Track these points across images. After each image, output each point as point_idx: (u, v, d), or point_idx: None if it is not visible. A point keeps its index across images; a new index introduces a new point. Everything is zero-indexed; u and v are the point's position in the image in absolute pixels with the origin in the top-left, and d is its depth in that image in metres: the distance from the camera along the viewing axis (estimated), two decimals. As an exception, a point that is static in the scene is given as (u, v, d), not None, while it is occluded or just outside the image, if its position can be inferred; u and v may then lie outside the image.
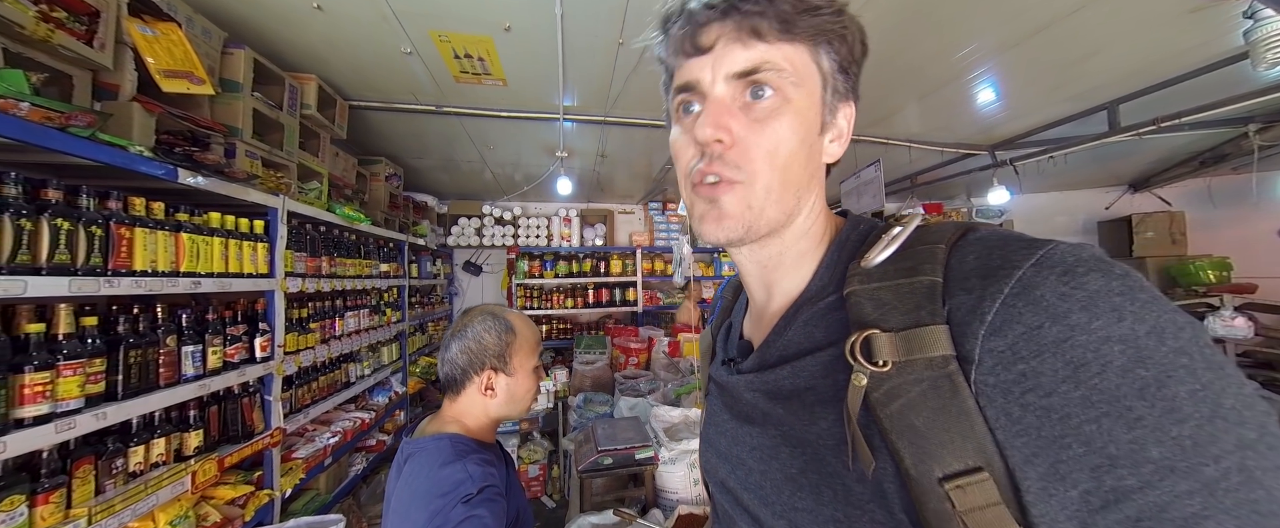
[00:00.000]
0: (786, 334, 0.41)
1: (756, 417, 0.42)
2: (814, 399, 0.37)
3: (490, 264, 4.73)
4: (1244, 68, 2.11)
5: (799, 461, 0.37)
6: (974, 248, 0.33)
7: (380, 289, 2.81)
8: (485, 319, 0.85)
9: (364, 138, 2.81)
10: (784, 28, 0.35)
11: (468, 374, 0.83)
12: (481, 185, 4.07)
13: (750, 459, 0.42)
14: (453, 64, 2.01)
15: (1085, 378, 0.26)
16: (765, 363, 0.42)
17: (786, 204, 0.39)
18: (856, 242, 0.40)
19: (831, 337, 0.37)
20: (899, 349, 0.31)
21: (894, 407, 0.31)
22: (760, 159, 0.36)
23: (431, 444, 0.78)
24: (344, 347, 2.27)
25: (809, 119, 0.38)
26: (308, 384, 2.00)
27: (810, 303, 0.40)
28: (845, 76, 0.39)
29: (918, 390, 0.30)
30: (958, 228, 0.35)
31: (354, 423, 2.33)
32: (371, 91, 2.31)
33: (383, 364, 2.80)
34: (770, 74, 0.36)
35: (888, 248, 0.36)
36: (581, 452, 1.72)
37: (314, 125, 2.11)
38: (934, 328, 0.31)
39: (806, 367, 0.38)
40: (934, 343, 0.30)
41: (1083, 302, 0.27)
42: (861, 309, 0.35)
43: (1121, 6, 1.68)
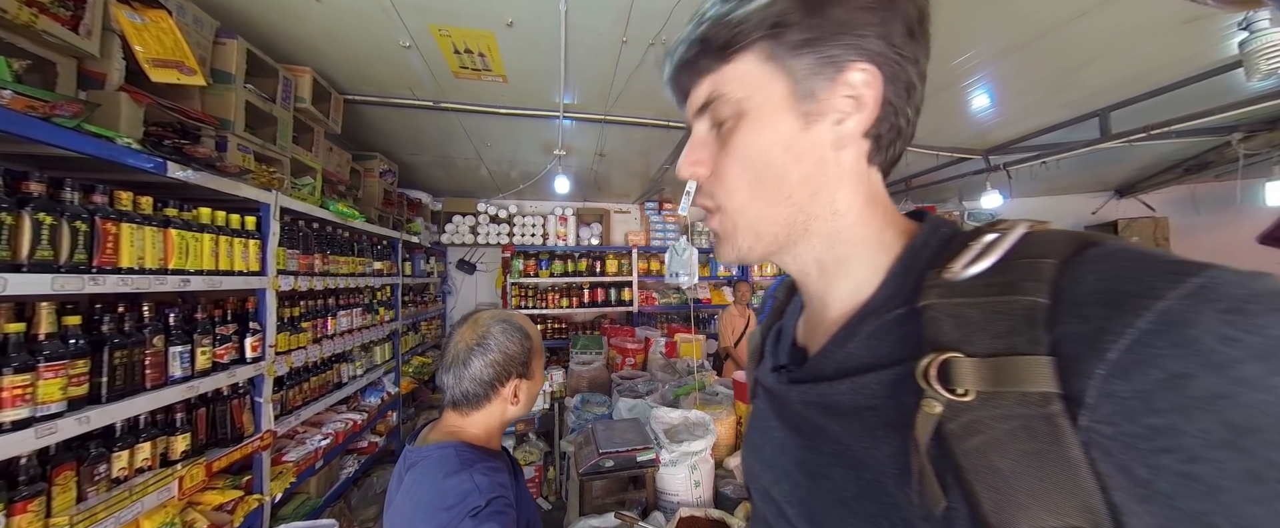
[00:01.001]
0: (847, 346, 0.37)
1: (807, 429, 0.39)
2: (876, 421, 0.34)
3: (484, 263, 4.67)
4: (1230, 78, 2.18)
5: (854, 485, 0.34)
6: (1097, 266, 0.27)
7: (373, 288, 2.76)
8: (503, 327, 0.81)
9: (359, 133, 2.75)
10: (721, 55, 0.35)
11: (494, 388, 0.79)
12: (477, 183, 4.02)
13: (798, 473, 0.40)
14: (452, 59, 1.97)
15: (1255, 448, 0.21)
16: (821, 374, 0.39)
17: (780, 214, 0.36)
18: (936, 247, 0.35)
19: (900, 354, 0.33)
20: (985, 378, 0.27)
21: (973, 443, 0.27)
22: (733, 180, 0.36)
23: (435, 453, 0.75)
24: (336, 347, 2.22)
25: (773, 123, 0.35)
26: (299, 385, 1.95)
27: (876, 313, 0.36)
28: (815, 51, 0.33)
29: (1005, 428, 0.27)
30: (1075, 240, 0.29)
31: (346, 425, 2.28)
32: (368, 86, 2.26)
33: (375, 364, 2.74)
34: (719, 100, 0.36)
35: (981, 259, 0.31)
36: (582, 454, 1.70)
37: (308, 119, 2.06)
38: (1033, 359, 0.26)
39: (869, 384, 0.35)
40: (1032, 376, 0.26)
41: (1259, 351, 0.22)
42: (940, 327, 0.30)
43: (1121, 16, 1.70)
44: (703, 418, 1.91)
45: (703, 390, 2.41)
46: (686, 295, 4.78)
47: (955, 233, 0.36)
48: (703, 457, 1.73)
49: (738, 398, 2.11)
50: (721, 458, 1.90)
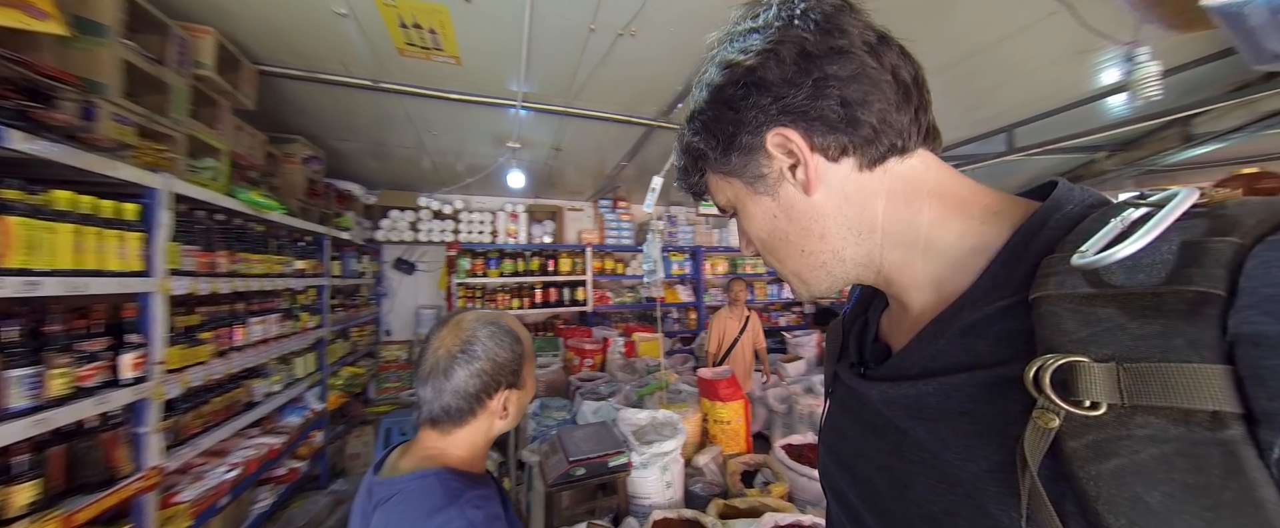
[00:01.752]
0: (937, 342, 0.33)
1: (890, 433, 0.36)
2: (971, 429, 0.30)
3: (426, 262, 4.30)
4: (1102, 104, 2.59)
5: (944, 500, 0.31)
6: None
7: (294, 290, 2.40)
8: (491, 330, 0.69)
9: (277, 111, 2.38)
10: (697, 187, 0.45)
11: (481, 401, 0.67)
12: (418, 175, 3.67)
13: (878, 480, 0.37)
14: (398, 34, 1.75)
15: None
16: (905, 372, 0.36)
17: (810, 262, 0.39)
18: (1060, 227, 0.30)
19: (1003, 353, 0.29)
20: (1126, 389, 0.22)
21: (1107, 467, 0.23)
22: (764, 251, 0.43)
23: (414, 484, 0.62)
24: (247, 360, 1.88)
25: (753, 207, 0.40)
26: (197, 408, 1.63)
27: (975, 305, 0.32)
28: (734, 153, 0.39)
29: (1154, 453, 0.22)
30: (1270, 210, 0.23)
31: (259, 451, 1.95)
32: (290, 56, 1.95)
33: (296, 378, 2.39)
34: (723, 207, 0.45)
35: (1125, 238, 0.24)
36: (549, 463, 1.59)
37: (211, 90, 1.73)
38: (1200, 367, 0.21)
39: (961, 387, 0.31)
40: (1197, 390, 0.21)
41: None
42: (1058, 323, 0.25)
43: (1032, 43, 1.93)
44: (671, 417, 1.88)
45: (667, 389, 2.39)
46: (641, 294, 4.76)
47: (1091, 208, 0.30)
48: (673, 457, 1.69)
49: (703, 395, 2.11)
50: (690, 457, 1.89)
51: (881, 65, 0.34)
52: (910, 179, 0.36)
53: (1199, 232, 0.24)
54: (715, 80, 0.38)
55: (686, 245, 4.94)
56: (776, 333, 5.07)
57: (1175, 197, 0.25)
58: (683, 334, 4.85)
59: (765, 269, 5.19)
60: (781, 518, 1.36)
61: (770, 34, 0.35)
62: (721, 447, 1.95)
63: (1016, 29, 1.83)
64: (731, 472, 1.76)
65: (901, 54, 0.36)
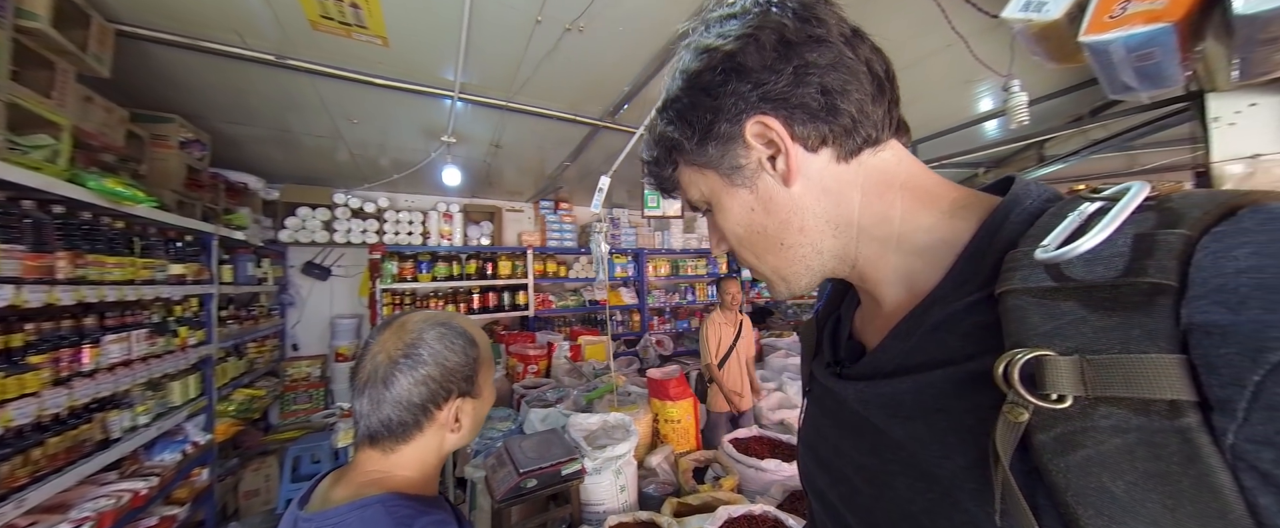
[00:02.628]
0: (910, 339, 0.34)
1: (867, 431, 0.36)
2: (946, 425, 0.30)
3: (343, 266, 3.83)
4: (981, 127, 3.05)
5: (923, 498, 0.31)
6: (1251, 237, 0.22)
7: (169, 300, 1.99)
8: (440, 332, 0.61)
9: (145, 83, 1.96)
10: (669, 180, 0.43)
11: (427, 412, 0.59)
12: (333, 168, 3.26)
13: (857, 478, 0.37)
14: (310, 4, 1.53)
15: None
16: (880, 370, 0.36)
17: (789, 257, 0.38)
18: (1021, 221, 0.30)
19: (972, 349, 0.29)
20: (1089, 381, 0.23)
21: (1074, 459, 0.23)
22: (738, 248, 0.41)
23: (352, 516, 0.52)
24: (99, 387, 1.52)
25: (730, 200, 0.39)
26: (24, 453, 1.27)
27: (944, 302, 0.32)
28: (710, 143, 0.37)
29: (1118, 444, 0.22)
30: (1220, 202, 0.24)
31: (117, 500, 1.58)
32: (161, 17, 1.62)
33: (172, 406, 1.98)
34: (695, 201, 0.42)
35: (1083, 233, 0.25)
36: (497, 477, 1.47)
37: (45, 48, 1.37)
38: (1157, 357, 0.22)
39: (935, 383, 0.31)
40: (1155, 380, 0.21)
41: None
42: (1024, 318, 0.26)
43: (931, 70, 2.21)
44: (623, 420, 1.86)
45: (616, 392, 2.35)
46: (585, 297, 4.68)
47: (1048, 202, 0.31)
48: (627, 460, 1.67)
49: (653, 396, 2.10)
50: (642, 458, 1.87)
51: (857, 56, 0.34)
52: (884, 172, 0.36)
53: (1150, 224, 0.24)
54: (691, 66, 0.36)
55: (629, 248, 4.96)
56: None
57: (1128, 191, 0.26)
58: (627, 336, 4.85)
59: (707, 269, 5.37)
60: (734, 510, 1.39)
61: (749, 20, 0.34)
62: (673, 446, 1.96)
63: (923, 55, 2.08)
64: (683, 470, 1.77)
65: (874, 49, 0.36)
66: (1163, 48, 0.59)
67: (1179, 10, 0.57)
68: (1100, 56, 0.64)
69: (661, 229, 5.14)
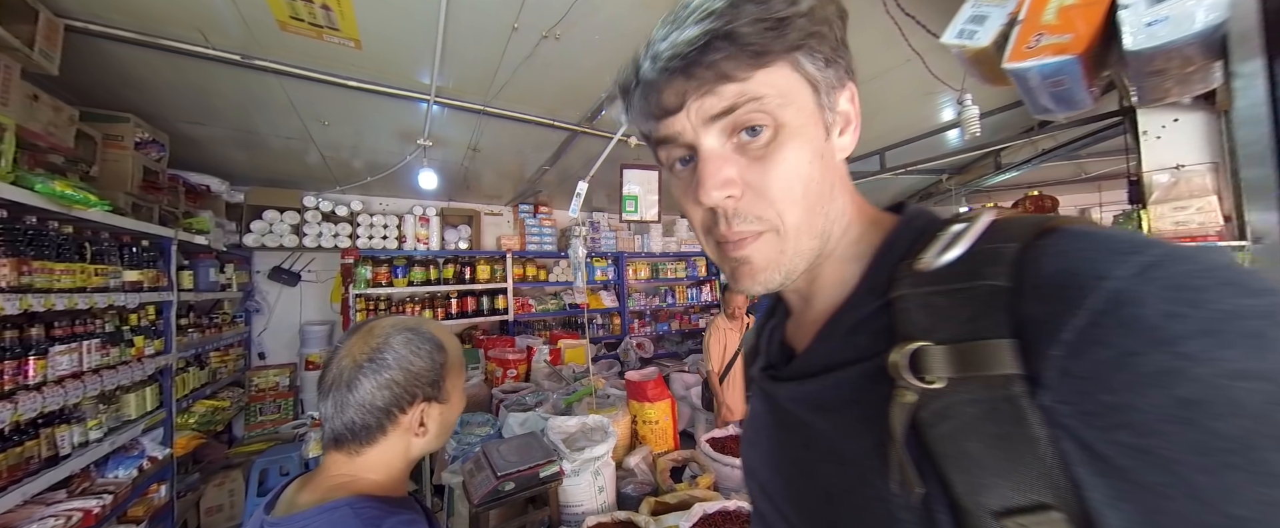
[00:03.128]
0: (829, 342, 0.38)
1: (797, 427, 0.40)
2: (857, 414, 0.34)
3: (313, 271, 3.71)
4: (945, 136, 3.21)
5: (842, 479, 0.35)
6: (1054, 249, 0.28)
7: (124, 308, 1.90)
8: (406, 337, 0.62)
9: (96, 81, 1.88)
10: (754, 60, 0.32)
11: (391, 415, 0.59)
12: (303, 170, 3.16)
13: (791, 470, 0.40)
14: (279, 4, 1.50)
15: (1202, 420, 0.21)
16: (806, 371, 0.39)
17: (816, 227, 0.35)
18: (910, 239, 0.36)
19: (876, 346, 0.33)
20: (953, 364, 0.28)
21: (945, 429, 0.28)
22: (779, 199, 0.34)
23: (321, 519, 0.53)
24: (46, 401, 1.44)
25: (811, 135, 0.34)
26: (-38, 472, 1.20)
27: (854, 308, 0.37)
28: (835, 67, 0.35)
29: (973, 413, 0.27)
30: (1036, 223, 0.30)
31: (66, 520, 1.50)
32: (116, 13, 1.56)
33: (127, 419, 1.89)
34: (751, 108, 0.32)
35: (950, 248, 0.31)
36: (474, 482, 1.47)
37: (-13, 45, 1.31)
38: (996, 342, 0.27)
39: (849, 379, 0.35)
40: (995, 360, 0.27)
41: (1205, 325, 0.22)
42: (910, 317, 0.31)
43: (893, 83, 2.33)
44: (601, 422, 1.87)
45: (595, 395, 2.36)
46: (565, 301, 4.67)
47: (930, 223, 0.37)
48: (605, 461, 1.68)
49: (632, 397, 2.12)
50: (620, 459, 1.89)
51: None
52: (845, 175, 0.38)
53: (994, 240, 0.31)
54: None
55: (609, 252, 4.97)
56: (697, 334, 5.33)
57: (980, 217, 0.33)
58: (608, 340, 4.86)
59: (687, 272, 5.42)
60: (709, 507, 1.43)
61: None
62: (651, 447, 1.99)
63: (882, 70, 2.19)
64: (661, 470, 1.79)
65: None
66: (1071, 76, 0.67)
67: (1081, 45, 0.64)
68: (1021, 81, 0.71)
69: (641, 233, 5.17)
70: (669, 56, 0.32)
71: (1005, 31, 0.74)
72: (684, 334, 5.40)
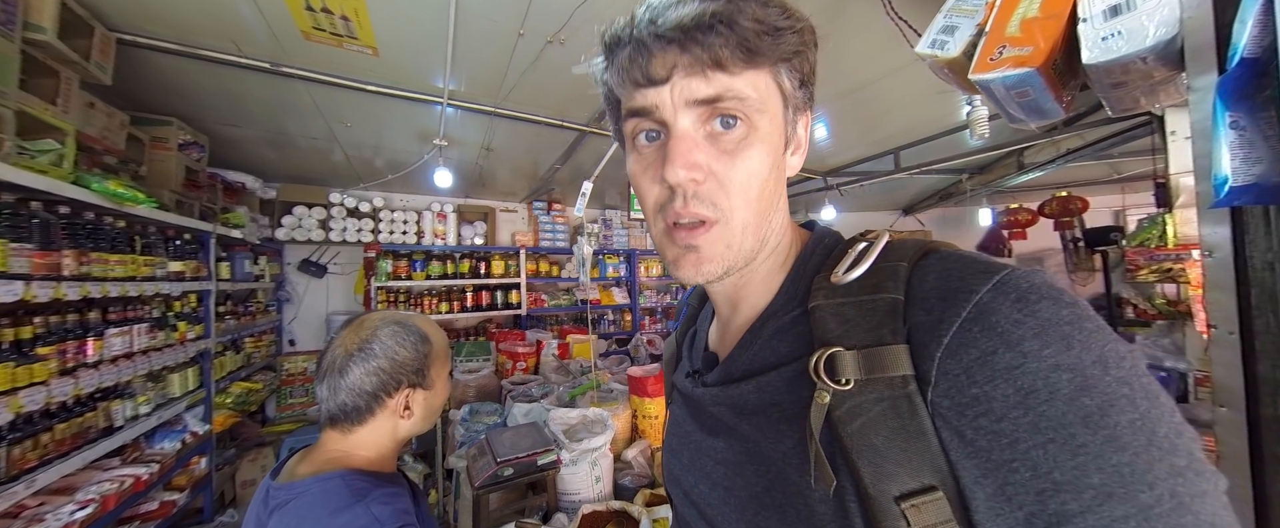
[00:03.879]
0: (752, 348, 0.40)
1: (721, 431, 0.41)
2: (779, 416, 0.36)
3: (338, 264, 3.92)
4: (964, 135, 3.11)
5: (764, 478, 0.36)
6: (934, 268, 0.33)
7: (169, 296, 2.08)
8: (393, 330, 0.69)
9: (143, 89, 2.05)
10: (747, 57, 0.33)
11: (378, 399, 0.67)
12: (329, 168, 3.34)
13: (716, 473, 0.41)
14: (302, 16, 1.61)
15: (1034, 405, 0.26)
16: (730, 376, 0.41)
17: (760, 232, 0.38)
18: (821, 255, 0.40)
19: (796, 351, 0.36)
20: (861, 367, 0.31)
21: (856, 425, 0.31)
22: (736, 194, 0.35)
23: (315, 487, 0.60)
24: (102, 378, 1.61)
25: (775, 144, 0.36)
26: (34, 437, 1.36)
27: (775, 317, 0.40)
28: (804, 90, 0.38)
29: (878, 410, 0.31)
30: (920, 247, 0.35)
31: (119, 484, 1.67)
32: (160, 26, 1.70)
33: (171, 397, 2.07)
34: (734, 103, 0.34)
35: (858, 265, 0.35)
36: (476, 466, 1.56)
37: (51, 58, 1.46)
38: (895, 347, 0.31)
39: (771, 382, 0.37)
40: (895, 362, 0.30)
41: (1035, 329, 0.27)
42: (826, 325, 0.34)
43: (904, 82, 2.28)
44: (601, 415, 1.94)
45: (599, 389, 2.44)
46: (577, 297, 4.76)
47: (837, 241, 0.41)
48: (603, 452, 1.75)
49: (633, 392, 2.19)
50: (619, 451, 1.95)
51: None
52: (785, 191, 0.41)
53: (892, 257, 0.35)
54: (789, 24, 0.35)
55: (621, 249, 5.03)
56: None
57: (879, 238, 0.37)
58: (619, 336, 4.93)
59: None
60: (702, 498, 1.48)
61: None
62: (650, 441, 2.05)
63: (894, 68, 2.16)
64: (658, 463, 1.85)
65: None
66: (1034, 88, 0.68)
67: (1040, 58, 0.65)
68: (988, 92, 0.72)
69: (653, 229, 5.21)
70: (670, 26, 0.32)
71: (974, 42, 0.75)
72: (694, 331, 5.43)
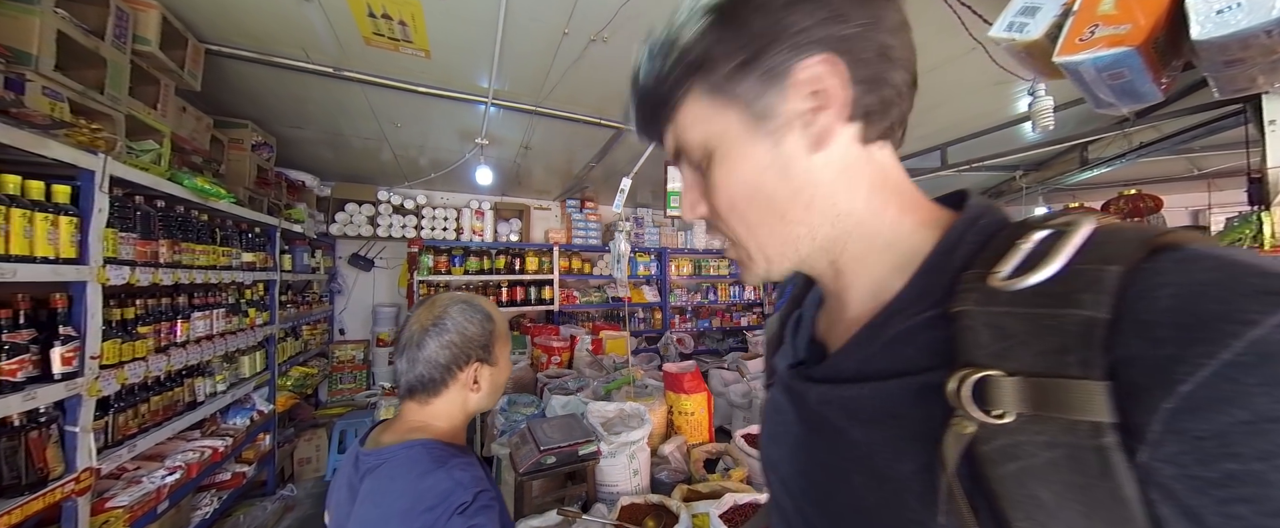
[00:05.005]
0: (870, 348, 0.34)
1: (826, 430, 0.37)
2: (900, 432, 0.31)
3: (384, 258, 4.13)
4: (1017, 130, 2.93)
5: (875, 495, 0.32)
6: (1172, 277, 0.23)
7: (242, 284, 2.26)
8: (462, 308, 0.75)
9: (222, 94, 2.24)
10: (667, 111, 0.35)
11: (451, 371, 0.72)
12: (377, 167, 3.54)
13: (817, 473, 0.38)
14: (365, 23, 1.72)
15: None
16: (840, 375, 0.36)
17: (785, 233, 0.34)
18: (975, 243, 0.32)
19: (928, 361, 0.30)
20: (1026, 400, 0.25)
21: (1010, 469, 0.25)
22: (727, 219, 0.36)
23: (401, 453, 0.66)
24: (189, 356, 1.77)
25: (746, 152, 0.33)
26: (134, 407, 1.52)
27: (903, 314, 0.33)
28: (750, 73, 0.31)
29: (1047, 457, 0.24)
30: (1145, 241, 0.25)
31: (200, 454, 1.83)
32: (242, 37, 1.86)
33: (242, 377, 2.25)
34: (685, 148, 0.35)
35: (1035, 266, 0.26)
36: (520, 454, 1.61)
37: (153, 68, 1.62)
38: (1085, 383, 0.23)
39: (893, 391, 0.32)
40: (1082, 403, 0.23)
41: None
42: (976, 338, 0.27)
43: (958, 73, 2.18)
44: (638, 409, 1.95)
45: (634, 384, 2.46)
46: (608, 294, 4.81)
47: (1000, 226, 0.32)
48: (640, 446, 1.76)
49: (669, 389, 2.19)
50: (655, 446, 1.96)
51: (905, 42, 0.33)
52: (884, 169, 0.35)
53: (1094, 259, 0.26)
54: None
55: (652, 247, 5.05)
56: (738, 332, 5.28)
57: (1077, 224, 0.27)
58: (649, 334, 4.95)
59: (729, 269, 5.38)
60: (740, 497, 1.46)
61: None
62: (686, 437, 2.05)
63: (944, 60, 2.07)
64: (695, 460, 1.85)
65: (912, 45, 0.35)
66: (1131, 68, 0.63)
67: (1140, 36, 0.60)
68: (1075, 75, 0.68)
69: (684, 229, 5.20)
70: (631, 125, 0.38)
71: (1058, 23, 0.71)
72: (725, 332, 5.37)
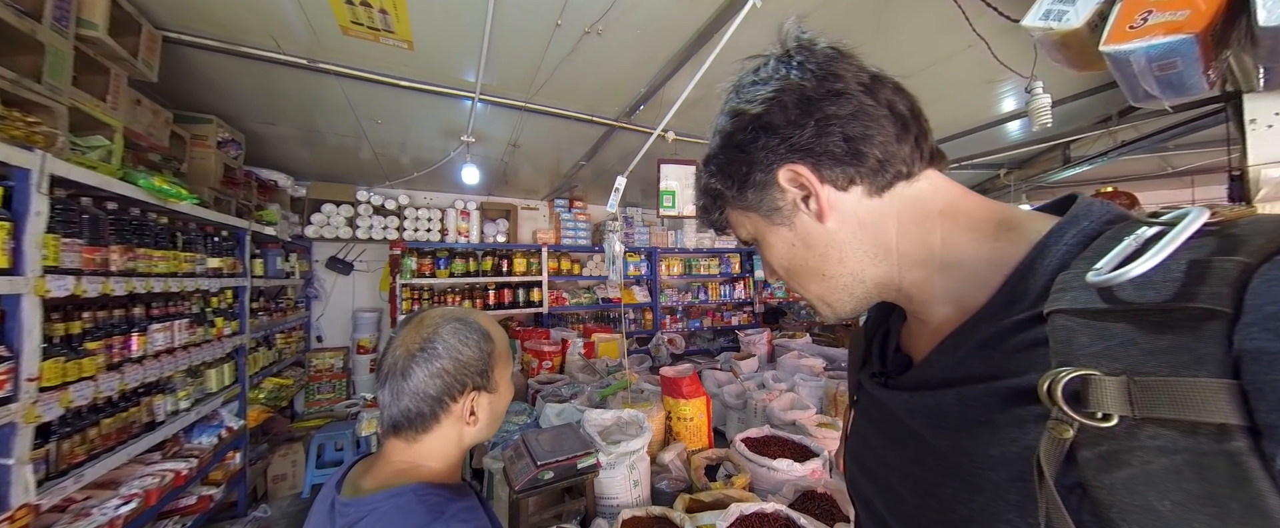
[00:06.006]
0: (956, 354, 0.34)
1: (912, 441, 0.38)
2: (990, 438, 0.31)
3: (365, 261, 3.95)
4: (1002, 128, 2.97)
5: (966, 507, 0.32)
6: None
7: (207, 292, 2.10)
8: (455, 327, 0.63)
9: (184, 86, 2.07)
10: (722, 222, 0.48)
11: (443, 404, 0.61)
12: (356, 166, 3.37)
13: (902, 487, 0.38)
14: (342, 10, 1.60)
15: None
16: (926, 382, 0.37)
17: (833, 285, 0.41)
18: (1075, 243, 0.31)
19: (1018, 366, 0.30)
20: (1136, 401, 0.23)
21: (1119, 477, 0.23)
22: (789, 280, 0.45)
23: (387, 503, 0.56)
24: (146, 373, 1.62)
25: (772, 238, 0.43)
26: (82, 432, 1.37)
27: (992, 319, 0.33)
28: (747, 191, 0.42)
29: (1164, 464, 0.22)
30: (1273, 235, 0.23)
31: (161, 479, 1.68)
32: (204, 24, 1.71)
33: (209, 392, 2.09)
34: (744, 238, 0.47)
35: (1137, 260, 0.24)
36: (514, 469, 1.52)
37: (102, 55, 1.47)
38: (1207, 381, 0.22)
39: (980, 396, 0.31)
40: (1203, 403, 0.21)
41: None
42: (1072, 338, 0.26)
43: (951, 71, 2.18)
44: (636, 416, 1.89)
45: (629, 389, 2.39)
46: (598, 295, 4.73)
47: (1107, 224, 0.31)
48: (640, 456, 1.70)
49: (666, 393, 2.13)
50: (655, 454, 1.90)
51: (877, 101, 0.38)
52: (919, 201, 0.39)
53: (1207, 250, 0.24)
54: (726, 128, 0.42)
55: (643, 247, 4.99)
56: (729, 331, 5.26)
57: (1187, 216, 0.26)
58: (639, 335, 4.88)
59: (720, 269, 5.39)
60: (746, 508, 1.41)
61: (772, 85, 0.39)
62: (685, 443, 1.99)
63: (944, 55, 2.06)
64: (695, 467, 1.79)
65: (896, 90, 0.39)
66: (1185, 58, 0.59)
67: (1201, 22, 0.57)
68: (1121, 66, 0.64)
69: (675, 228, 5.15)
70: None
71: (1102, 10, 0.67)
72: (716, 331, 5.35)
